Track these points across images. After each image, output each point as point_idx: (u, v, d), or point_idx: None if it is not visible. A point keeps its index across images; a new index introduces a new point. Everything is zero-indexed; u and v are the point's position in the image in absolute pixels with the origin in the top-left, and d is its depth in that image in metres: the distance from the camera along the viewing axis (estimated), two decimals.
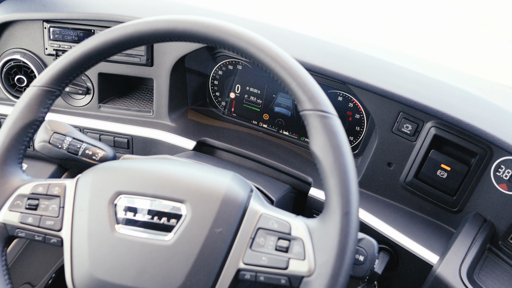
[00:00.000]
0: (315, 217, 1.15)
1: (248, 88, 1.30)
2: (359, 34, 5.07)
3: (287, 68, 0.70)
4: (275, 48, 0.71)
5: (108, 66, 1.26)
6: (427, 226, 1.07)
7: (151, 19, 0.75)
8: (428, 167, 1.02)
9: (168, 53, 1.20)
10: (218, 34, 0.72)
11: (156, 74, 1.24)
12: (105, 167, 0.78)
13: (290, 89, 0.70)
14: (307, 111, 0.68)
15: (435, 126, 0.99)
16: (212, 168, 0.81)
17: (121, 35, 0.75)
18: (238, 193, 0.72)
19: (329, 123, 0.67)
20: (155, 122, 1.29)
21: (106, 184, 0.74)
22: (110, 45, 0.76)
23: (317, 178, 1.16)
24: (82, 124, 1.29)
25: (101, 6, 1.21)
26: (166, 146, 1.25)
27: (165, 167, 0.77)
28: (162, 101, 1.27)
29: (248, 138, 1.30)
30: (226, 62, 1.30)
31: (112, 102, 1.34)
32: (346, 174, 0.65)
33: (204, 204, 0.70)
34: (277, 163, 1.20)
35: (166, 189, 0.72)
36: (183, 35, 0.74)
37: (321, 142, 0.67)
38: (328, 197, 0.66)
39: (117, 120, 1.29)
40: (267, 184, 1.06)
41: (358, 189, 0.67)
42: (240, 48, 0.72)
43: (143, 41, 0.77)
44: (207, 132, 1.28)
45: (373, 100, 1.03)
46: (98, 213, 0.72)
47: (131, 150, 1.30)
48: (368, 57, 1.10)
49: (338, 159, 0.66)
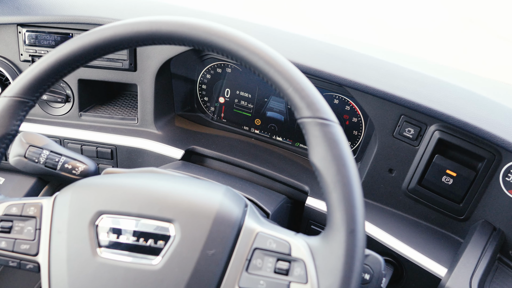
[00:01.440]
0: (313, 228, 1.13)
1: (238, 92, 1.25)
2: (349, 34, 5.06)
3: (282, 72, 0.65)
4: (269, 50, 0.66)
5: (88, 72, 1.20)
6: (432, 236, 1.02)
7: (132, 21, 0.70)
8: (432, 173, 0.98)
9: (152, 57, 1.15)
10: (205, 36, 0.67)
11: (140, 80, 1.19)
12: (84, 184, 0.73)
13: (286, 95, 0.65)
14: (305, 118, 0.64)
15: (439, 130, 0.95)
16: (202, 182, 0.76)
17: (99, 39, 0.70)
18: (231, 210, 0.67)
19: (330, 132, 0.63)
20: (140, 130, 1.24)
21: (86, 203, 0.69)
22: (87, 50, 0.71)
23: (314, 186, 1.12)
24: (62, 134, 1.24)
25: (80, 8, 1.16)
26: (152, 155, 1.20)
27: (151, 182, 0.72)
28: (147, 107, 1.22)
29: (240, 145, 1.25)
30: (215, 65, 1.25)
31: (94, 110, 1.29)
32: (350, 187, 0.61)
33: (194, 224, 0.65)
34: (271, 172, 1.15)
35: (153, 208, 0.67)
36: (168, 38, 0.69)
37: (321, 153, 0.62)
38: (331, 213, 0.61)
39: (100, 129, 1.24)
40: (261, 196, 1.01)
41: (364, 203, 0.62)
42: (230, 51, 0.67)
43: (124, 45, 0.71)
44: (195, 139, 1.23)
45: (373, 103, 0.98)
46: (78, 236, 0.67)
47: (115, 161, 1.24)
48: (366, 57, 1.06)
49: (341, 171, 0.61)
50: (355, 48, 1.10)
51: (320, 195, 1.09)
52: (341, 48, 1.08)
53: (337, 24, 5.34)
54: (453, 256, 0.97)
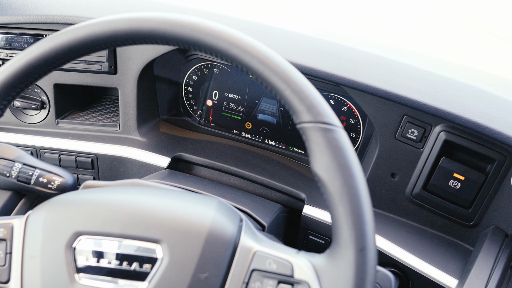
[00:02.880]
0: (312, 239, 1.08)
1: (227, 94, 1.20)
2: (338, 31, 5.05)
3: (278, 72, 0.59)
4: (262, 48, 0.61)
5: (64, 76, 1.14)
6: (439, 244, 0.98)
7: (109, 18, 0.64)
8: (438, 177, 0.94)
9: (134, 58, 1.09)
10: (191, 33, 0.62)
11: (121, 83, 1.13)
12: (60, 201, 0.67)
13: (283, 98, 0.60)
14: (305, 123, 0.58)
15: (445, 130, 0.90)
16: (192, 196, 0.70)
17: (73, 39, 0.64)
18: (225, 226, 0.62)
19: (334, 138, 0.57)
20: (123, 137, 1.18)
21: (62, 223, 0.63)
22: (60, 52, 0.65)
23: (311, 193, 1.06)
24: (38, 144, 1.17)
25: (54, 7, 1.10)
26: (136, 164, 1.14)
27: (134, 198, 0.66)
28: (130, 113, 1.16)
29: (230, 150, 1.20)
30: (201, 66, 1.19)
31: (72, 116, 1.22)
32: (358, 200, 0.55)
33: (184, 244, 0.59)
34: (264, 179, 1.10)
35: (137, 227, 0.61)
36: (150, 37, 0.63)
37: (325, 162, 0.57)
38: (338, 229, 0.56)
39: (79, 137, 1.18)
40: (255, 206, 0.95)
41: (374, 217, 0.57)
42: (220, 49, 0.62)
43: (101, 46, 0.65)
44: (182, 146, 1.18)
45: (373, 103, 0.93)
46: (53, 260, 0.61)
47: (96, 171, 1.18)
48: (365, 54, 1.01)
49: (348, 182, 0.56)
50: (352, 44, 1.05)
51: (318, 203, 1.04)
52: (338, 45, 1.03)
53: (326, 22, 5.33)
54: (463, 266, 0.92)
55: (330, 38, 1.07)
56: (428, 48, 5.00)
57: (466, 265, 0.91)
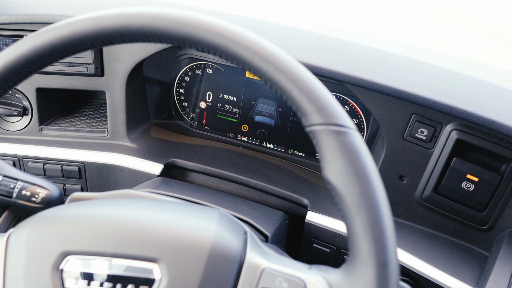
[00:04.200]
0: (316, 247, 1.03)
1: (221, 95, 1.15)
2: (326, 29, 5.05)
3: (284, 70, 0.55)
4: (266, 44, 0.56)
5: (47, 79, 1.09)
6: (452, 249, 0.94)
7: (95, 15, 0.59)
8: (450, 179, 0.90)
9: (122, 59, 1.04)
10: (187, 29, 0.57)
11: (108, 86, 1.08)
12: (44, 216, 0.61)
13: (290, 98, 0.55)
14: (316, 126, 0.53)
15: (457, 129, 0.86)
16: (190, 207, 0.65)
17: (55, 39, 0.59)
18: (229, 241, 0.57)
19: (348, 141, 0.53)
20: (112, 144, 1.13)
21: (47, 242, 0.58)
22: (41, 53, 0.59)
23: (313, 199, 1.02)
24: (21, 152, 1.12)
25: (34, 6, 1.04)
26: (126, 172, 1.09)
27: (127, 211, 0.61)
28: (118, 117, 1.10)
29: (226, 155, 1.15)
30: (193, 66, 1.14)
31: (57, 122, 1.17)
32: (378, 210, 0.51)
33: (184, 262, 0.54)
34: (263, 184, 1.05)
35: (131, 245, 0.56)
36: (141, 34, 0.58)
37: (339, 168, 0.52)
38: (355, 242, 0.51)
39: (65, 145, 1.12)
40: (256, 215, 0.90)
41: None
42: (218, 46, 0.57)
43: (87, 45, 0.60)
44: (175, 151, 1.13)
45: (379, 102, 0.89)
46: (38, 284, 0.56)
47: (83, 180, 1.13)
48: (369, 49, 0.97)
49: (366, 190, 0.51)
50: (355, 39, 1.00)
51: (322, 209, 0.99)
52: (339, 40, 0.99)
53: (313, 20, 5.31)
54: (479, 273, 0.88)
55: (331, 33, 1.02)
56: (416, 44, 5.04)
57: (482, 272, 0.87)
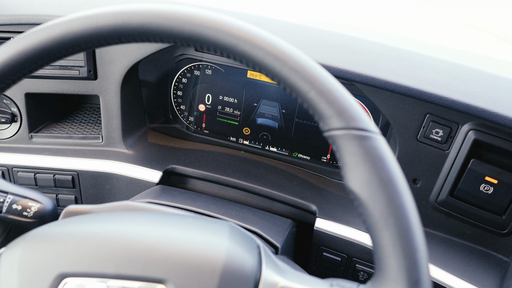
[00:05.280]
0: (326, 256, 0.99)
1: (221, 97, 1.11)
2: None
3: (299, 70, 0.50)
4: (278, 42, 0.52)
5: (37, 84, 1.04)
6: (470, 255, 0.90)
7: (89, 13, 0.54)
8: (467, 181, 0.86)
9: (116, 61, 1.00)
10: (191, 28, 0.52)
11: (102, 90, 1.03)
12: (38, 234, 0.57)
13: (306, 101, 0.51)
14: (336, 130, 0.49)
15: (475, 129, 0.82)
16: (198, 221, 0.61)
17: (46, 40, 0.54)
18: (242, 258, 0.53)
19: (372, 147, 0.48)
20: (107, 150, 1.08)
21: (42, 263, 0.53)
22: (30, 56, 0.55)
23: (322, 205, 0.98)
24: (10, 162, 1.07)
25: (21, 6, 0.99)
26: (123, 181, 1.04)
27: (130, 227, 0.57)
28: (113, 123, 1.06)
29: (227, 160, 1.11)
30: (191, 67, 1.10)
31: (48, 129, 1.12)
32: (408, 222, 0.47)
33: (195, 283, 0.50)
34: (268, 190, 1.01)
35: (135, 265, 0.51)
36: (140, 33, 0.54)
37: (363, 177, 0.48)
38: (383, 258, 0.47)
39: (57, 153, 1.07)
40: (264, 224, 0.86)
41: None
42: (226, 45, 0.53)
43: (81, 46, 0.56)
44: (174, 157, 1.08)
45: (391, 102, 0.85)
46: None
47: (77, 189, 1.08)
48: (380, 46, 0.93)
49: (394, 200, 0.47)
50: (365, 36, 0.96)
51: (331, 215, 0.95)
52: (348, 36, 0.95)
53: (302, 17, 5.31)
54: (500, 279, 0.84)
55: (339, 29, 0.98)
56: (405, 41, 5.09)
57: (504, 279, 0.83)
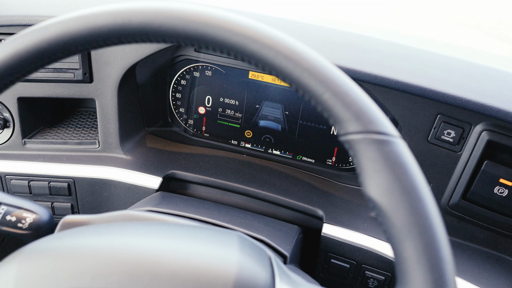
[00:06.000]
0: (334, 263, 0.96)
1: (222, 99, 1.08)
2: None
3: (313, 71, 0.48)
4: (289, 40, 0.49)
5: (30, 88, 1.01)
6: (484, 260, 0.88)
7: (86, 12, 0.51)
8: (481, 184, 0.83)
9: (113, 63, 0.96)
10: (196, 26, 0.49)
11: (98, 93, 1.00)
12: (35, 249, 0.54)
13: (321, 103, 0.48)
14: (353, 134, 0.46)
15: (488, 130, 0.80)
16: (205, 231, 0.58)
17: (40, 42, 0.51)
18: (255, 272, 0.50)
19: (393, 151, 0.46)
20: (104, 156, 1.05)
21: (40, 281, 0.50)
22: (24, 59, 0.52)
23: (328, 209, 0.95)
24: (3, 169, 1.04)
25: (12, 6, 0.96)
26: (121, 187, 1.01)
27: (132, 239, 0.53)
28: (110, 127, 1.03)
29: (229, 164, 1.08)
30: (190, 68, 1.07)
31: (42, 135, 1.09)
32: (433, 232, 0.44)
33: None
34: (272, 195, 0.98)
35: (140, 281, 0.48)
36: (141, 33, 0.51)
37: (384, 184, 0.45)
38: (407, 270, 0.44)
39: (51, 159, 1.04)
40: (271, 232, 0.83)
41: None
42: (233, 45, 0.50)
43: (78, 48, 0.52)
44: (174, 162, 1.05)
45: (401, 102, 0.83)
46: None
47: (74, 197, 1.04)
48: (388, 44, 0.90)
49: (417, 209, 0.44)
50: (371, 34, 0.94)
51: (339, 220, 0.93)
52: (355, 34, 0.92)
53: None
54: None
55: (345, 27, 0.95)
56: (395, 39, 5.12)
57: None
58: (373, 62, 0.82)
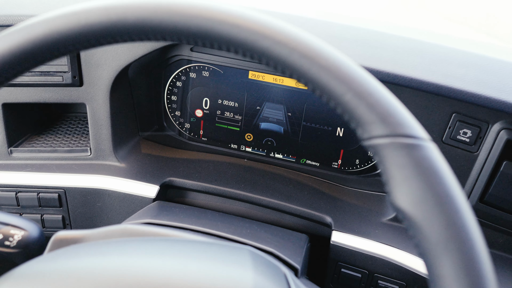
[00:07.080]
0: (345, 272, 0.92)
1: (220, 101, 1.03)
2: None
3: (333, 70, 0.43)
4: (306, 37, 0.45)
5: (15, 93, 0.96)
6: (503, 266, 0.84)
7: (76, 8, 0.47)
8: (499, 186, 0.80)
9: (104, 65, 0.92)
10: (201, 23, 0.45)
11: (89, 97, 0.95)
12: (25, 274, 0.49)
13: (341, 105, 0.44)
14: (379, 138, 0.42)
15: (507, 128, 0.76)
16: (214, 248, 0.53)
17: (25, 43, 0.46)
18: None
19: (425, 157, 0.42)
20: (96, 164, 1.00)
21: None
22: (7, 62, 0.47)
23: (337, 216, 0.91)
24: None
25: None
26: (116, 197, 0.96)
27: (133, 260, 0.49)
28: (103, 133, 0.98)
29: (229, 169, 1.03)
30: (186, 69, 1.02)
31: (29, 142, 1.04)
32: (472, 247, 0.40)
33: None
34: (276, 201, 0.94)
35: None
36: (138, 31, 0.46)
37: (415, 193, 0.41)
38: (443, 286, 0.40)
39: (40, 168, 0.99)
40: (279, 242, 0.79)
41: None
42: (241, 42, 0.45)
43: (68, 48, 0.48)
44: (171, 169, 1.01)
45: (414, 101, 0.79)
46: None
47: (65, 209, 1.00)
48: (401, 40, 0.86)
49: (454, 220, 0.40)
50: (382, 29, 0.90)
51: (349, 228, 0.89)
52: (365, 30, 0.88)
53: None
54: None
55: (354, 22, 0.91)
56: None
57: None
58: (385, 58, 0.78)
